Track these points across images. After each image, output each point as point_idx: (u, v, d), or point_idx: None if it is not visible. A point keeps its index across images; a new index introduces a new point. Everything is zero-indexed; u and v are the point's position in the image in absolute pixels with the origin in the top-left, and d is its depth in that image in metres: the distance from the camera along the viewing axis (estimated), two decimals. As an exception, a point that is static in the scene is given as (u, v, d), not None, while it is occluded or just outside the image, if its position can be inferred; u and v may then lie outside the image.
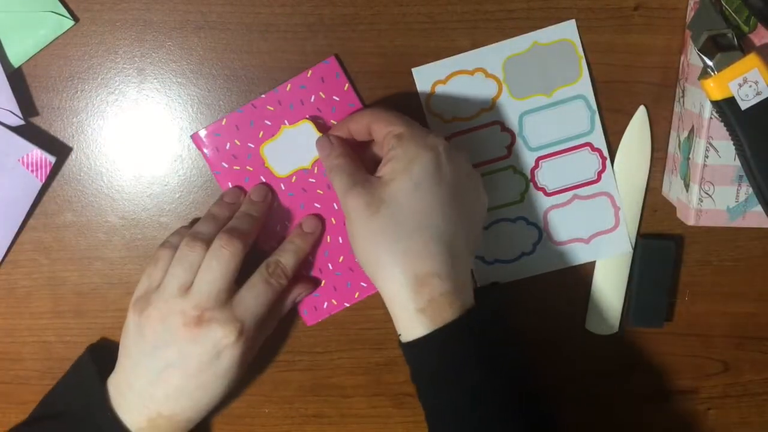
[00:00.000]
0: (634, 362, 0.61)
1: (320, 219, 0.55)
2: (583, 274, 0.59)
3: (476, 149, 0.56)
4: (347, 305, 0.57)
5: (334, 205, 0.55)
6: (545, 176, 0.57)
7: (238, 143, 0.53)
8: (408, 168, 0.47)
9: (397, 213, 0.46)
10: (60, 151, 0.55)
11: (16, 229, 0.55)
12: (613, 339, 0.60)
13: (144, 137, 0.55)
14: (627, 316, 0.60)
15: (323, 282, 0.56)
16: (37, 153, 0.53)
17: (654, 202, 0.58)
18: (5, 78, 0.52)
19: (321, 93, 0.53)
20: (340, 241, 0.55)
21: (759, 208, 0.52)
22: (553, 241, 0.58)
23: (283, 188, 0.54)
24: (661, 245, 0.58)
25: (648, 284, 0.58)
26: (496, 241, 0.58)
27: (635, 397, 0.62)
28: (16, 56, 0.53)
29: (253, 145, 0.53)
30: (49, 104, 0.54)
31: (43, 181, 0.54)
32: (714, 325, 0.61)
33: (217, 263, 0.50)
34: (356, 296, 0.57)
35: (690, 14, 0.54)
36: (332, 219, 0.55)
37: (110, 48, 0.54)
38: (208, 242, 0.50)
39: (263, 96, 0.53)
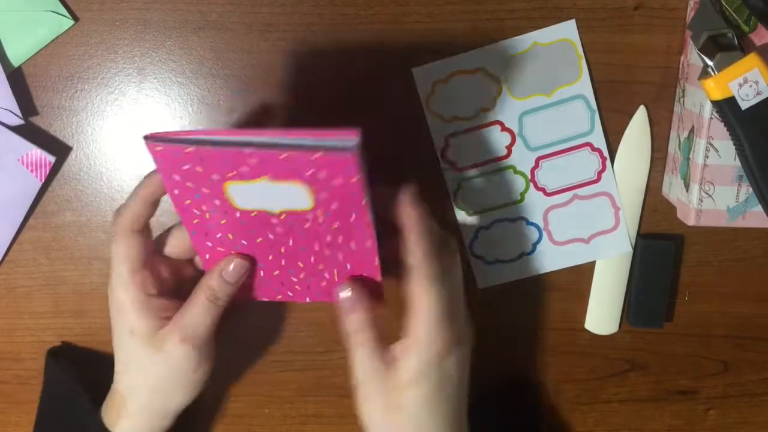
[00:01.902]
0: (634, 362, 0.61)
1: (248, 265, 0.48)
2: (583, 274, 0.59)
3: (476, 149, 0.56)
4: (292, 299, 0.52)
5: (289, 241, 0.47)
6: (545, 176, 0.57)
7: (200, 171, 0.42)
8: (420, 384, 0.45)
9: (410, 421, 0.46)
10: (60, 150, 0.55)
11: (15, 229, 0.55)
12: (613, 339, 0.60)
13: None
14: (627, 316, 0.60)
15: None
16: (36, 152, 0.53)
17: (654, 202, 0.58)
18: (5, 78, 0.52)
19: (323, 173, 0.41)
20: (287, 265, 0.49)
21: (759, 208, 0.52)
22: (553, 241, 0.58)
23: (238, 216, 0.45)
24: (661, 245, 0.58)
25: (648, 284, 0.58)
26: (496, 241, 0.58)
27: (635, 397, 0.62)
28: (16, 56, 0.53)
29: (217, 178, 0.43)
30: (49, 104, 0.54)
31: (43, 180, 0.54)
32: (714, 325, 0.61)
33: None
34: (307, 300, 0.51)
35: (690, 14, 0.54)
36: (282, 249, 0.47)
37: (110, 48, 0.54)
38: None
39: (248, 151, 0.40)
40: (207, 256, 0.49)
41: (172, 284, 0.50)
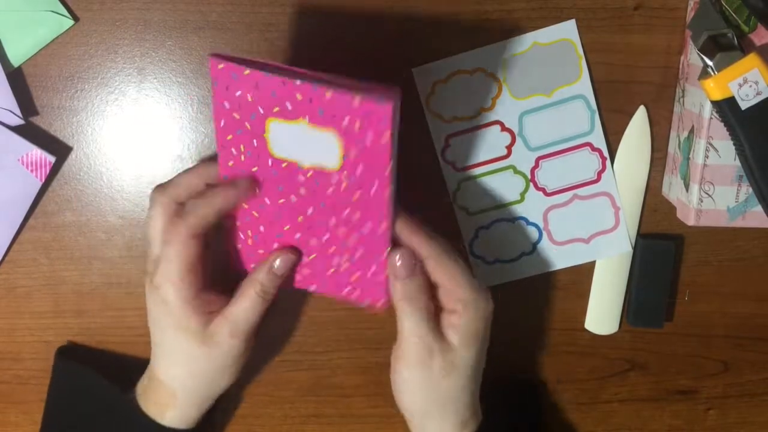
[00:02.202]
0: (634, 362, 0.61)
1: (295, 257, 0.51)
2: (583, 274, 0.59)
3: (476, 149, 0.56)
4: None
5: (309, 210, 0.49)
6: (545, 176, 0.57)
7: (250, 99, 0.46)
8: (473, 342, 0.50)
9: (462, 379, 0.50)
10: (60, 150, 0.55)
11: (15, 229, 0.55)
12: (613, 339, 0.60)
13: (144, 137, 0.55)
14: (627, 316, 0.60)
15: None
16: (36, 152, 0.53)
17: (654, 202, 0.58)
18: (5, 78, 0.52)
19: (358, 124, 0.45)
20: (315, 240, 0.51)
21: (759, 208, 0.52)
22: (553, 241, 0.58)
23: (270, 164, 0.48)
24: (660, 245, 0.58)
25: (648, 284, 0.58)
26: (496, 241, 0.58)
27: (635, 397, 0.62)
28: (16, 56, 0.53)
29: (263, 111, 0.46)
30: (49, 104, 0.54)
31: (43, 180, 0.54)
32: (714, 325, 0.61)
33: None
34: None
35: (690, 14, 0.54)
36: (300, 217, 0.50)
37: (110, 47, 0.54)
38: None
39: (298, 83, 0.44)
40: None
41: (211, 273, 0.51)
